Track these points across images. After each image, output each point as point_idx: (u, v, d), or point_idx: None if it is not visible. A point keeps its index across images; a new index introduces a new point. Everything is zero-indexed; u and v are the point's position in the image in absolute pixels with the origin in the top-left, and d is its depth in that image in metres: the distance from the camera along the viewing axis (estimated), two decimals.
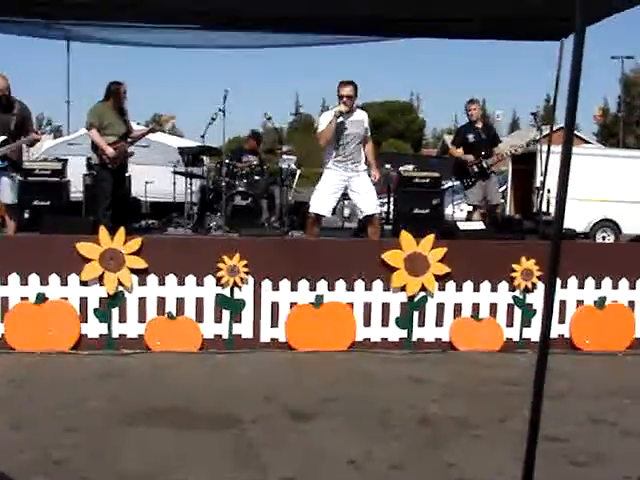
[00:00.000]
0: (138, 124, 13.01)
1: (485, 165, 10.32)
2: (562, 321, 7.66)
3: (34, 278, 7.17)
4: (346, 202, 11.61)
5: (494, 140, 10.71)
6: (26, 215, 10.05)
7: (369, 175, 8.69)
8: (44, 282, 7.18)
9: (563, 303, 7.66)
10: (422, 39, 12.00)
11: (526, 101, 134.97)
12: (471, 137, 10.50)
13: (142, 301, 7.29)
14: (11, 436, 4.82)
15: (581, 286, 7.74)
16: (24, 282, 7.16)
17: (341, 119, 8.31)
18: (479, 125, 10.54)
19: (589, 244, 11.91)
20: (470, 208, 10.85)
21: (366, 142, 8.72)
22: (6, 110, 8.43)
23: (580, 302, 7.76)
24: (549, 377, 3.29)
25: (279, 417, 5.32)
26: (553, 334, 7.14)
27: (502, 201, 11.10)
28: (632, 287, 7.84)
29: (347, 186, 8.53)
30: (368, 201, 8.56)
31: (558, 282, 5.52)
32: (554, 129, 12.31)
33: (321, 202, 8.50)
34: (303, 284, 7.42)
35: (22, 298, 7.17)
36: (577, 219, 15.19)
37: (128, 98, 9.48)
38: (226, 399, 5.71)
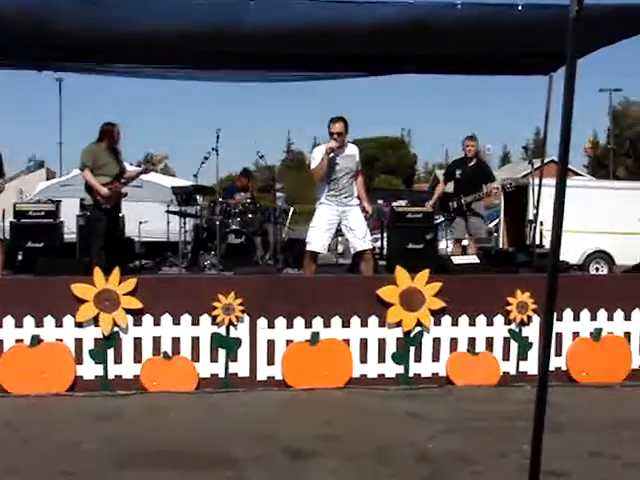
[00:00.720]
0: (131, 164, 13.07)
1: (463, 202, 10.43)
2: (559, 354, 7.63)
3: (29, 320, 7.13)
4: (340, 238, 11.65)
5: (485, 178, 10.77)
6: (19, 257, 10.04)
7: (362, 209, 8.74)
8: (39, 324, 7.14)
9: (559, 336, 7.63)
10: (412, 75, 12.11)
11: (516, 134, 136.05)
12: (458, 173, 10.69)
13: (138, 341, 7.25)
14: None
15: (576, 318, 7.73)
16: (19, 324, 7.13)
17: (332, 155, 8.37)
18: (471, 162, 10.65)
19: (583, 276, 11.93)
20: (464, 242, 10.93)
21: (357, 176, 8.78)
22: None
23: (576, 334, 7.74)
24: (547, 410, 3.29)
25: (277, 456, 5.28)
26: (550, 367, 7.12)
27: (487, 236, 11.17)
28: (627, 318, 7.82)
29: (340, 221, 8.57)
30: (361, 236, 8.60)
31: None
32: (545, 162, 12.37)
33: (317, 239, 8.54)
34: (299, 321, 7.40)
35: (17, 340, 7.13)
36: (570, 251, 15.21)
37: (122, 139, 9.54)
38: (223, 439, 5.67)
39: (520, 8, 8.00)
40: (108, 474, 4.90)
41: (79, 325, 7.18)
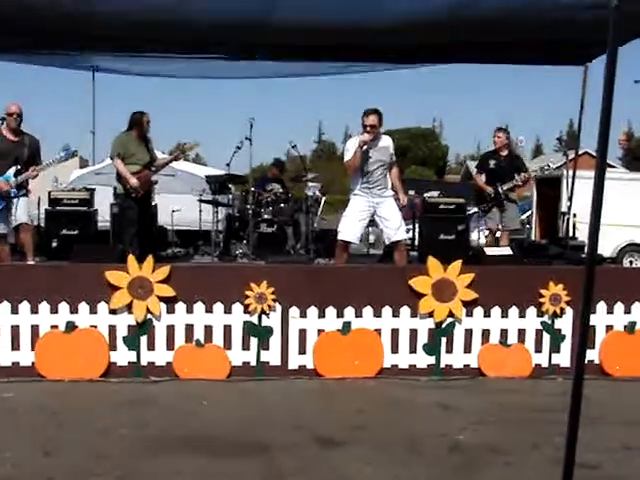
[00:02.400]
0: (162, 153, 13.13)
1: (500, 190, 10.39)
2: (592, 347, 7.58)
3: (64, 306, 7.22)
4: (371, 229, 11.62)
5: (518, 169, 10.70)
6: (54, 244, 10.15)
7: (396, 200, 8.72)
8: (73, 310, 7.23)
9: (592, 329, 7.58)
10: (444, 65, 12.07)
11: (549, 126, 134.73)
12: (492, 163, 10.67)
13: (170, 329, 7.31)
14: (43, 462, 4.85)
15: (610, 311, 7.67)
16: (54, 310, 7.21)
17: (365, 147, 8.35)
18: (503, 153, 10.65)
19: (617, 269, 11.85)
20: (486, 232, 10.95)
21: (392, 167, 8.75)
22: (18, 142, 8.62)
23: (610, 327, 7.69)
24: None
25: (308, 445, 5.31)
26: None
27: (520, 227, 11.05)
28: None
29: (374, 212, 8.57)
30: (395, 227, 8.59)
31: None
32: (579, 153, 12.26)
33: (349, 229, 8.54)
34: (330, 311, 7.42)
35: (52, 326, 7.22)
36: (604, 244, 15.07)
37: (152, 127, 9.60)
38: (254, 427, 5.71)
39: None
40: (141, 459, 4.95)
41: (113, 312, 7.26)
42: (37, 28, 8.90)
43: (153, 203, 10.22)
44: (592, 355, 7.58)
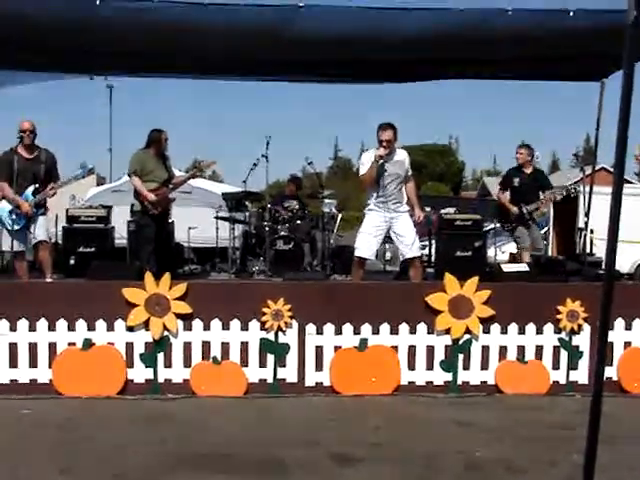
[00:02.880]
0: (179, 170, 13.18)
1: (525, 211, 10.30)
2: (610, 363, 7.53)
3: (81, 324, 7.25)
4: (387, 245, 11.60)
5: (542, 186, 10.62)
6: (72, 261, 10.19)
7: (411, 216, 8.71)
8: (91, 328, 7.26)
9: (610, 345, 7.55)
10: (460, 81, 12.06)
11: (565, 142, 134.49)
12: (516, 181, 10.55)
13: (187, 346, 7.33)
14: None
15: (628, 327, 7.63)
16: (71, 328, 7.25)
17: (381, 162, 8.36)
18: (527, 170, 10.55)
19: (635, 285, 11.76)
20: (514, 250, 10.82)
21: (407, 182, 8.76)
22: (34, 159, 8.68)
23: (628, 344, 7.65)
24: None
25: (324, 462, 5.30)
26: None
27: (545, 245, 10.97)
28: None
29: (389, 227, 8.56)
30: (409, 243, 8.57)
31: None
32: (596, 169, 12.21)
33: (365, 245, 8.53)
34: (347, 328, 7.42)
35: (69, 344, 7.25)
36: (621, 260, 14.98)
37: (169, 145, 9.64)
38: (271, 444, 5.70)
39: (572, 14, 7.92)
40: (159, 476, 4.96)
41: (130, 329, 7.29)
42: (54, 44, 8.92)
43: (170, 220, 10.26)
44: (610, 372, 7.54)
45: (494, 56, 9.60)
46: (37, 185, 8.65)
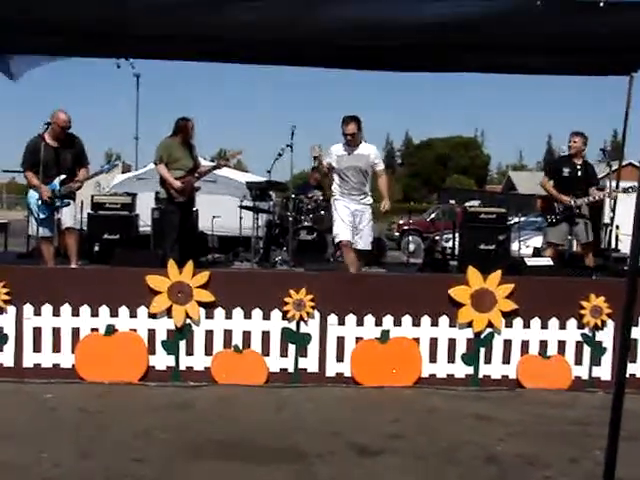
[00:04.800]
0: (205, 159, 13.20)
1: (574, 204, 9.86)
2: (633, 360, 7.48)
3: (104, 310, 7.30)
4: (410, 237, 11.60)
5: (591, 179, 10.15)
6: (96, 248, 10.26)
7: (383, 206, 9.06)
8: (114, 314, 7.30)
9: (634, 342, 7.49)
10: (487, 74, 11.98)
11: (592, 136, 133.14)
12: (566, 171, 10.00)
13: (209, 334, 7.35)
14: (81, 464, 4.91)
15: None
16: (94, 313, 7.30)
17: (344, 153, 8.68)
18: (578, 161, 10.03)
19: None
20: (542, 245, 10.61)
21: (378, 176, 9.01)
22: (61, 147, 8.71)
23: None
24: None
25: (344, 452, 5.30)
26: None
27: (590, 240, 10.24)
28: None
29: (354, 217, 8.81)
30: (366, 236, 8.89)
31: None
32: (623, 164, 12.10)
33: (343, 230, 8.78)
34: (369, 319, 7.41)
35: (92, 329, 7.30)
36: None
37: (196, 133, 9.66)
38: (291, 433, 5.71)
39: (602, 4, 7.83)
40: (179, 463, 4.98)
41: (153, 316, 7.32)
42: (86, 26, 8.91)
43: (194, 209, 10.29)
44: (633, 369, 7.47)
45: (522, 48, 9.52)
46: (65, 176, 8.67)
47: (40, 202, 8.60)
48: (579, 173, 10.00)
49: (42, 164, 8.45)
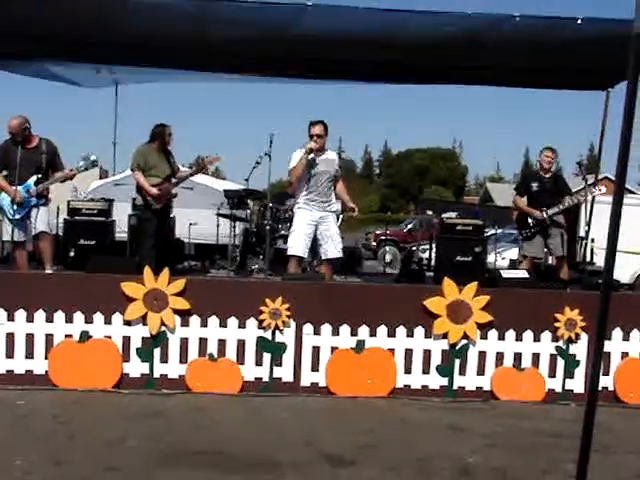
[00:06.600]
0: (182, 166, 13.15)
1: (545, 216, 9.98)
2: (606, 373, 7.53)
3: (79, 316, 7.25)
4: (387, 248, 11.61)
5: (561, 191, 10.28)
6: (71, 253, 10.18)
7: (340, 212, 8.98)
8: (88, 320, 7.26)
9: (607, 355, 7.54)
10: (464, 86, 12.06)
11: (569, 150, 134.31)
12: (535, 186, 10.21)
13: (184, 342, 7.33)
14: (52, 472, 4.87)
15: (626, 338, 7.63)
16: (69, 320, 7.25)
17: (312, 156, 8.49)
18: (547, 175, 10.22)
19: (634, 295, 11.74)
20: (518, 257, 10.69)
21: (337, 182, 8.88)
22: (33, 149, 8.65)
23: (625, 354, 7.65)
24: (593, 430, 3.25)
25: (317, 463, 5.30)
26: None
27: (565, 254, 10.37)
28: None
29: (317, 226, 8.60)
30: (333, 245, 8.68)
31: None
32: (599, 178, 12.19)
33: (298, 243, 8.58)
34: (344, 329, 7.42)
35: (66, 335, 7.25)
36: (621, 270, 14.97)
37: (174, 140, 9.62)
38: (265, 443, 5.70)
39: (580, 22, 7.92)
40: (151, 471, 4.96)
41: (127, 323, 7.29)
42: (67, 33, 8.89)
43: (171, 216, 10.24)
44: (606, 382, 7.54)
45: (499, 62, 9.60)
46: (40, 175, 8.64)
47: (13, 204, 8.53)
48: (547, 186, 10.17)
49: (16, 165, 8.39)
